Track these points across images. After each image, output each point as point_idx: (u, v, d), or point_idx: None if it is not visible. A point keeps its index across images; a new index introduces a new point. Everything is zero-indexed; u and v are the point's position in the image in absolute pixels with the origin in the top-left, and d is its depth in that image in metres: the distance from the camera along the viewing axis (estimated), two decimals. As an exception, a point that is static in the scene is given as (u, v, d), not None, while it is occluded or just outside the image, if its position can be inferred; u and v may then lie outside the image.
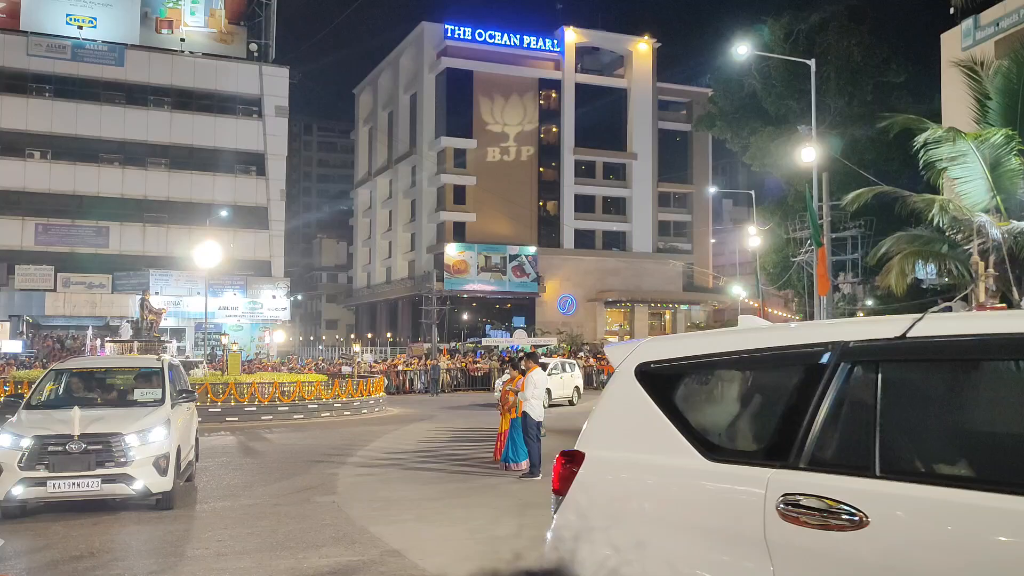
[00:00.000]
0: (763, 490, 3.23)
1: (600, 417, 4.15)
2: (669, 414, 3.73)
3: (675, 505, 3.61)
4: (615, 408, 4.10)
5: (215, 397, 22.62)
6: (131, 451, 9.54)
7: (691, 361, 3.90)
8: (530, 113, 67.77)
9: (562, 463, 4.12)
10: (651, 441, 3.76)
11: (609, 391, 4.17)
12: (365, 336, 71.68)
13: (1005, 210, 17.27)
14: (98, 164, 53.49)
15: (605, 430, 4.07)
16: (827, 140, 31.86)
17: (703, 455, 3.53)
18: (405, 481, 12.66)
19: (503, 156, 66.20)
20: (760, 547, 3.19)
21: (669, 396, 3.82)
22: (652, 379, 3.88)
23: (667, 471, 3.67)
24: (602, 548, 3.78)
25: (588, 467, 3.97)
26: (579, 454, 4.03)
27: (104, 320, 49.37)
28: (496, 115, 66.27)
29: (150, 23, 56.29)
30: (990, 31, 26.41)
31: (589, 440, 4.07)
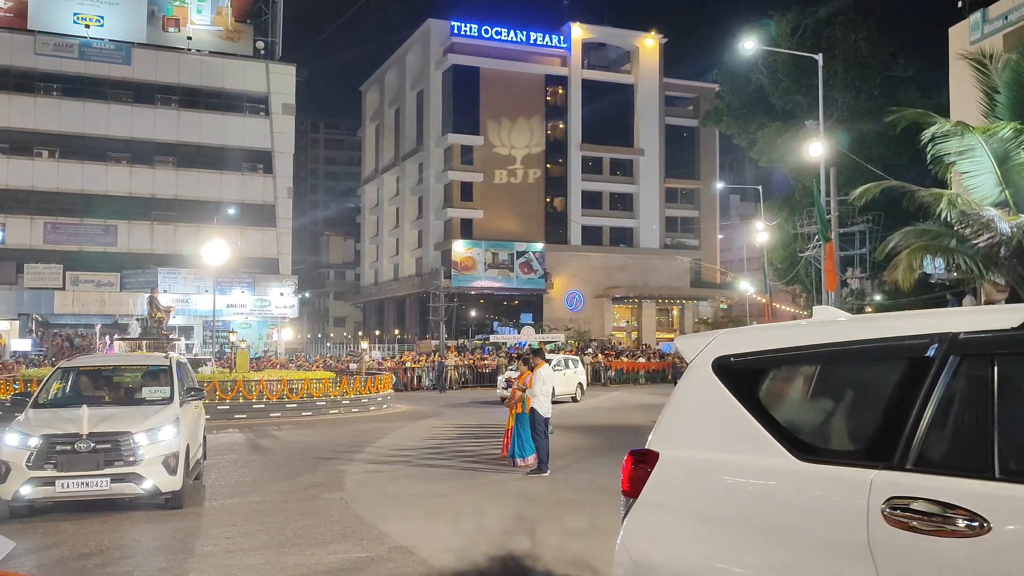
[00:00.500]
0: (865, 493, 3.04)
1: (675, 414, 3.93)
2: (753, 411, 3.53)
3: (763, 508, 3.39)
4: (691, 404, 3.88)
5: (223, 395, 22.67)
6: (140, 450, 9.45)
7: (777, 355, 3.67)
8: (537, 110, 67.70)
9: (632, 462, 3.93)
10: (734, 440, 3.57)
11: (684, 386, 3.96)
12: (373, 333, 71.78)
13: (1014, 204, 17.20)
14: (106, 163, 53.67)
15: (681, 428, 3.86)
16: (834, 135, 31.76)
17: (794, 455, 3.33)
18: (413, 478, 12.67)
19: (510, 153, 66.14)
20: (862, 554, 3.01)
21: (752, 392, 3.62)
22: (732, 374, 3.68)
23: (753, 472, 3.47)
24: (681, 553, 3.61)
25: (663, 467, 3.77)
26: (652, 453, 3.83)
27: (113, 318, 49.56)
28: (503, 112, 66.21)
29: (157, 21, 56.44)
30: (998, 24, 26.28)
31: (663, 438, 3.87)
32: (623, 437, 18.39)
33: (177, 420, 10.03)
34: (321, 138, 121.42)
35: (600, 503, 10.62)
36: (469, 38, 65.70)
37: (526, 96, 67.10)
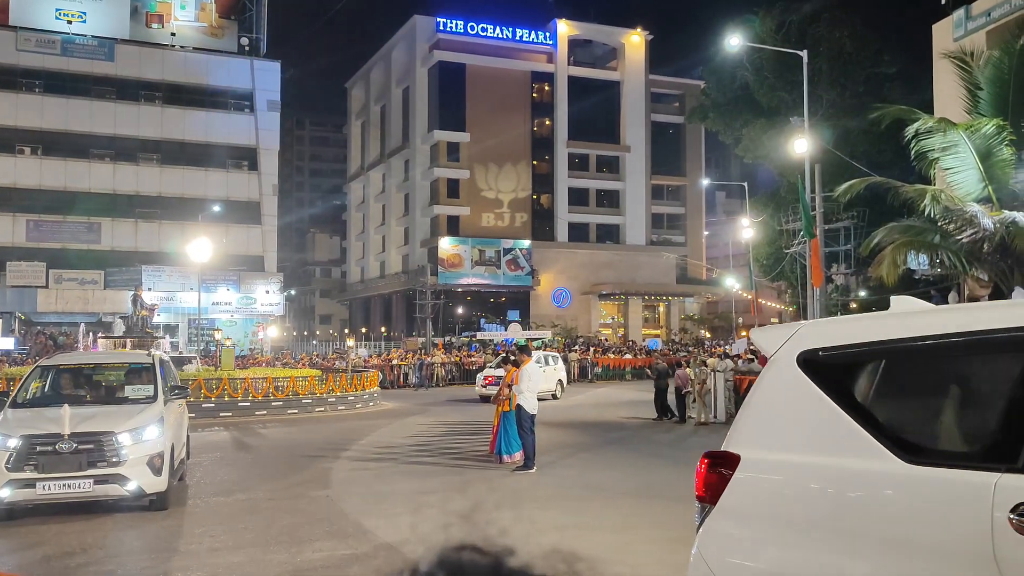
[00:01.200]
0: (988, 499, 2.78)
1: (756, 413, 3.63)
2: (849, 410, 3.25)
3: (864, 516, 3.12)
4: (775, 403, 3.56)
5: (208, 393, 22.56)
6: (124, 450, 9.18)
7: (874, 348, 3.37)
8: (523, 106, 67.65)
9: (708, 466, 3.64)
10: (827, 441, 3.29)
11: (765, 383, 3.64)
12: (359, 331, 71.62)
13: (997, 200, 17.32)
14: (89, 160, 53.31)
15: (764, 428, 3.55)
16: (819, 131, 31.88)
17: (899, 457, 3.07)
18: (399, 475, 12.65)
19: (497, 150, 66.05)
20: (987, 565, 2.76)
21: (847, 388, 3.33)
22: (823, 369, 3.39)
23: (851, 476, 3.19)
24: (768, 565, 3.33)
25: (746, 471, 3.48)
26: (733, 456, 3.54)
27: (97, 316, 49.23)
28: (489, 108, 66.11)
29: (140, 17, 56.08)
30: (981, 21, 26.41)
31: (744, 439, 3.57)
32: (610, 433, 18.42)
33: (162, 419, 9.78)
34: (307, 135, 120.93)
35: (586, 499, 10.63)
36: (455, 35, 65.58)
37: (512, 93, 67.03)
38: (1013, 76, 17.82)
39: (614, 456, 14.82)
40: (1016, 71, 17.77)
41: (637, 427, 19.93)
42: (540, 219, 68.09)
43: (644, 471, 13.01)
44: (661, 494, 10.97)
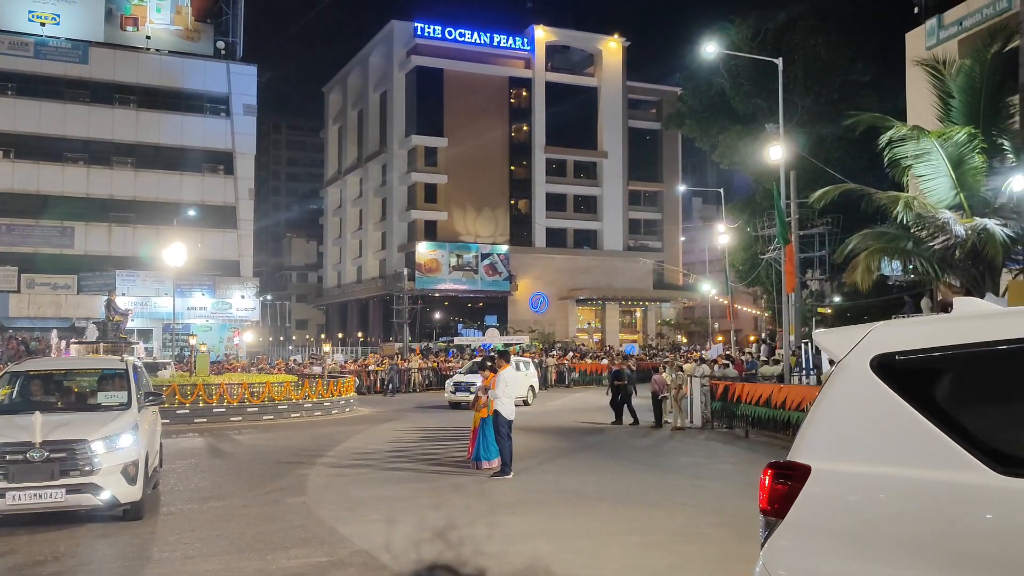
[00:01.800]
0: None
1: (827, 421, 3.40)
2: (932, 417, 3.07)
3: (953, 531, 2.94)
4: (848, 410, 3.34)
5: (183, 398, 22.36)
6: (97, 459, 8.94)
7: (958, 351, 3.17)
8: (501, 112, 67.75)
9: (773, 477, 3.41)
10: (909, 451, 3.11)
11: (835, 389, 3.43)
12: (336, 336, 71.30)
13: (968, 207, 17.53)
14: (62, 163, 52.74)
15: (836, 437, 3.34)
16: (795, 138, 32.12)
17: (991, 468, 2.89)
18: (375, 481, 12.59)
19: (474, 154, 66.07)
20: None
21: (929, 394, 3.15)
22: (901, 374, 3.21)
23: (937, 488, 3.00)
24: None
25: (817, 483, 3.28)
26: (801, 467, 3.32)
27: (70, 321, 48.64)
28: (467, 113, 66.12)
29: (115, 20, 55.58)
30: (953, 30, 26.75)
31: (814, 449, 3.35)
32: (587, 438, 18.44)
33: (136, 426, 9.57)
34: (283, 139, 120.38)
35: (562, 504, 10.63)
36: (433, 39, 65.58)
37: (490, 98, 67.11)
38: (984, 85, 18.05)
39: (591, 461, 14.83)
40: (987, 80, 18.00)
41: (614, 432, 19.96)
42: (518, 224, 68.16)
43: (621, 476, 13.04)
44: (638, 499, 11.00)
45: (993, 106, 18.21)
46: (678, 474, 13.40)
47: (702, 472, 13.58)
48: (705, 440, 18.23)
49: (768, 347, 33.97)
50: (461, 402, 26.53)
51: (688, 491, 11.64)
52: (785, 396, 16.55)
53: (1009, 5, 23.30)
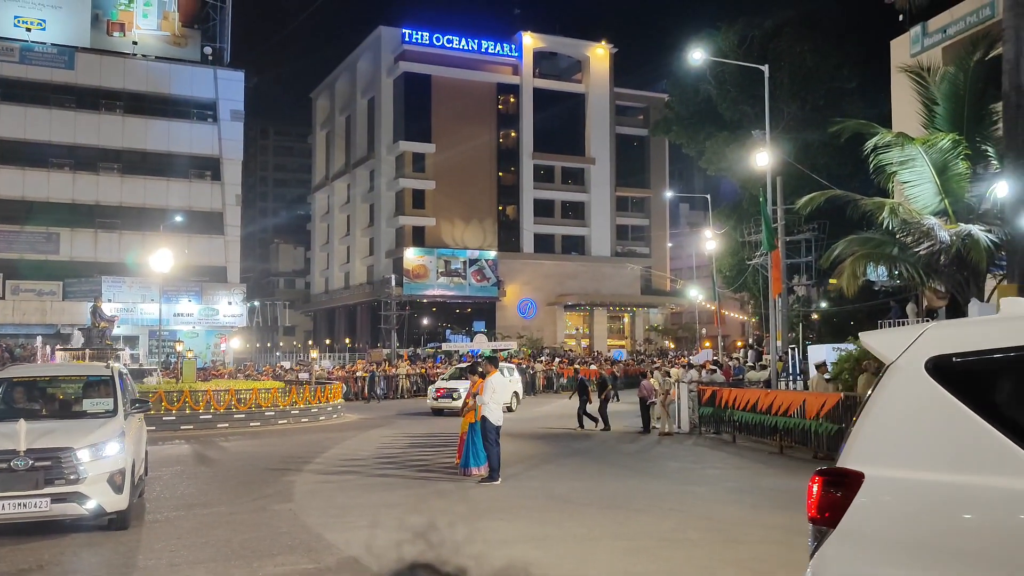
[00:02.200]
0: None
1: (879, 426, 3.26)
2: (994, 421, 2.94)
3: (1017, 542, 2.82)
4: (903, 414, 3.22)
5: (169, 405, 22.26)
6: (83, 467, 8.74)
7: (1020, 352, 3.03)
8: (489, 118, 67.83)
9: (823, 484, 3.28)
10: (969, 456, 2.99)
11: (888, 392, 3.29)
12: (323, 342, 71.13)
13: (953, 213, 17.64)
14: (48, 169, 52.52)
15: (890, 443, 3.20)
16: (781, 144, 32.28)
17: None
18: (363, 488, 12.56)
19: (462, 160, 66.12)
20: None
21: (990, 398, 3.03)
22: (959, 376, 3.09)
23: (1001, 496, 2.87)
24: None
25: (871, 491, 3.15)
26: (854, 474, 3.19)
27: (55, 328, 48.40)
28: (455, 119, 66.18)
29: (101, 25, 55.38)
30: (938, 38, 26.98)
31: (866, 455, 3.22)
32: (574, 444, 18.46)
33: (122, 434, 9.40)
34: (271, 145, 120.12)
35: (549, 510, 10.63)
36: (421, 46, 65.63)
37: (478, 104, 67.19)
38: (968, 92, 18.18)
39: (578, 467, 14.84)
40: (970, 87, 18.14)
41: (602, 438, 19.98)
42: (506, 230, 68.22)
43: (608, 482, 13.05)
44: (624, 505, 11.00)
45: (977, 113, 18.34)
46: (666, 479, 13.42)
47: (690, 477, 13.60)
48: (693, 445, 18.27)
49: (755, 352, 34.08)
50: (444, 408, 26.44)
51: (676, 496, 11.66)
52: (771, 401, 16.60)
53: (992, 13, 23.52)
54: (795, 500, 11.12)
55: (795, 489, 12.02)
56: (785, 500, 11.16)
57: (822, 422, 14.63)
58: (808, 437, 15.33)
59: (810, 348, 24.19)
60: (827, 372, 17.26)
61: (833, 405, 14.46)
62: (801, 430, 15.45)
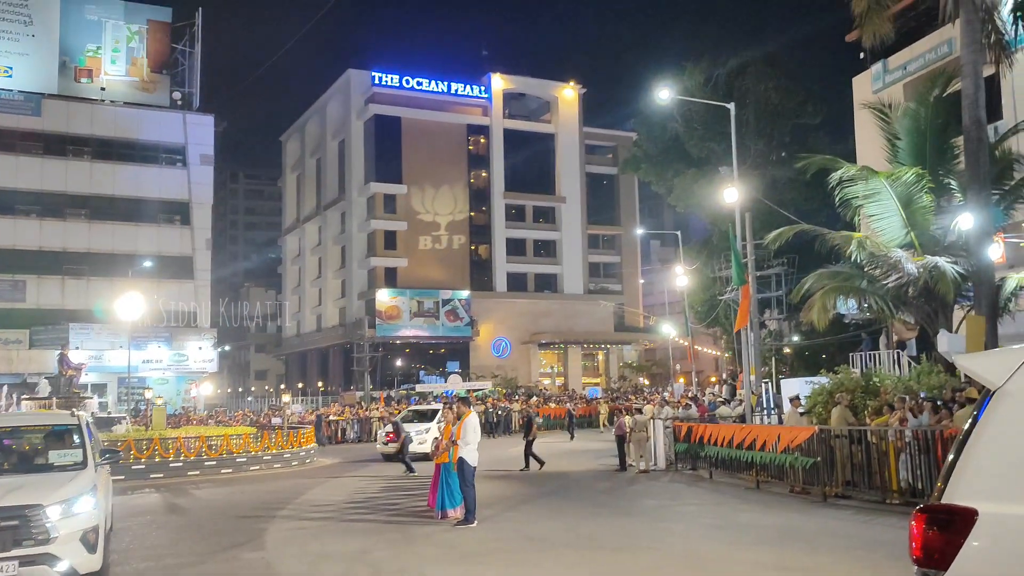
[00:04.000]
0: None
1: (989, 457, 2.99)
2: None
3: None
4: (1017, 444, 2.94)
5: (139, 453, 21.86)
6: (54, 525, 8.03)
7: None
8: (459, 158, 68.19)
9: (926, 522, 3.00)
10: None
11: (997, 421, 3.02)
12: (296, 386, 70.44)
13: (920, 245, 17.89)
14: (14, 216, 51.90)
15: (1005, 475, 2.93)
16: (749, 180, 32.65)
17: None
18: (337, 534, 12.35)
19: (434, 201, 66.30)
20: None
21: None
22: None
23: None
24: None
25: (987, 528, 2.87)
26: (965, 511, 2.92)
27: (21, 377, 47.44)
28: (426, 160, 66.46)
29: (69, 72, 55.18)
30: (898, 75, 27.57)
31: (976, 490, 2.96)
32: (550, 484, 18.31)
33: (95, 488, 8.75)
34: (241, 188, 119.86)
35: (526, 551, 10.51)
36: (390, 88, 66.03)
37: (449, 145, 67.57)
38: (929, 126, 18.55)
39: (555, 507, 14.71)
40: (931, 122, 18.51)
41: (578, 477, 19.85)
42: (478, 269, 68.27)
43: (585, 521, 12.93)
44: (602, 544, 10.90)
45: (939, 147, 18.71)
46: (643, 517, 13.33)
47: (666, 515, 13.52)
48: (669, 482, 18.19)
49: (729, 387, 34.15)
50: (392, 454, 24.83)
51: (653, 534, 11.57)
52: (745, 436, 16.59)
53: (950, 50, 24.08)
54: (772, 535, 11.08)
55: (772, 525, 11.98)
56: (763, 536, 11.11)
57: (798, 456, 14.63)
58: (784, 472, 15.31)
59: (783, 382, 24.28)
60: (800, 406, 17.31)
61: (807, 438, 14.48)
62: (777, 465, 15.43)
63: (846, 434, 13.94)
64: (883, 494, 13.06)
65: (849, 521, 12.05)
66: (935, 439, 11.94)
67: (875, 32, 16.98)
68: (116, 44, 56.51)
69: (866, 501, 13.31)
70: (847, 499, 13.70)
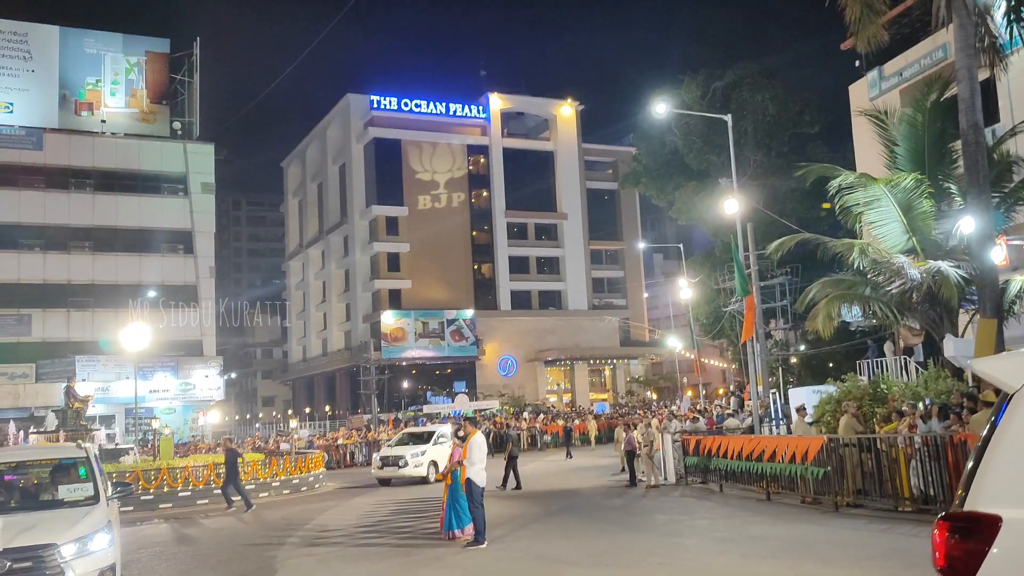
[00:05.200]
0: None
1: (1011, 463, 2.92)
2: None
3: None
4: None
5: (147, 484, 21.80)
6: (69, 566, 7.64)
7: None
8: (460, 179, 68.39)
9: (949, 530, 2.95)
10: None
11: (1016, 426, 2.95)
12: (303, 411, 70.34)
13: (922, 250, 17.85)
14: (18, 250, 52.04)
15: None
16: (749, 191, 32.69)
17: None
18: (347, 559, 12.28)
19: (436, 222, 66.45)
20: None
21: None
22: None
23: None
24: None
25: (1011, 535, 2.80)
26: (988, 518, 2.85)
27: (29, 411, 47.49)
28: (426, 182, 66.69)
29: (69, 105, 55.51)
30: (894, 81, 27.60)
31: (998, 497, 2.89)
32: (560, 502, 18.22)
33: (109, 524, 8.34)
34: (243, 215, 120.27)
35: (537, 571, 10.44)
36: (389, 111, 66.34)
37: (448, 166, 67.80)
38: (926, 132, 18.55)
39: (565, 525, 14.62)
40: (929, 127, 18.52)
41: (588, 494, 19.75)
42: (482, 289, 68.30)
43: (597, 539, 12.85)
44: (613, 561, 10.83)
45: (937, 152, 18.70)
46: (654, 533, 13.24)
47: (678, 529, 13.43)
48: (680, 497, 18.09)
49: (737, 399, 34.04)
50: (391, 478, 24.80)
51: (665, 550, 11.49)
52: (754, 447, 16.51)
53: (944, 55, 24.12)
54: (785, 547, 11.00)
55: (784, 536, 11.90)
56: (775, 548, 11.03)
57: (808, 466, 14.54)
58: (795, 482, 15.21)
59: (791, 392, 24.18)
60: (807, 415, 17.23)
61: (818, 449, 14.40)
62: (788, 476, 15.33)
63: (855, 442, 13.86)
64: (895, 502, 12.97)
65: (862, 530, 11.96)
66: (945, 445, 11.87)
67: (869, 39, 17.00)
68: (115, 76, 56.87)
69: (878, 509, 13.22)
70: (859, 508, 13.61)
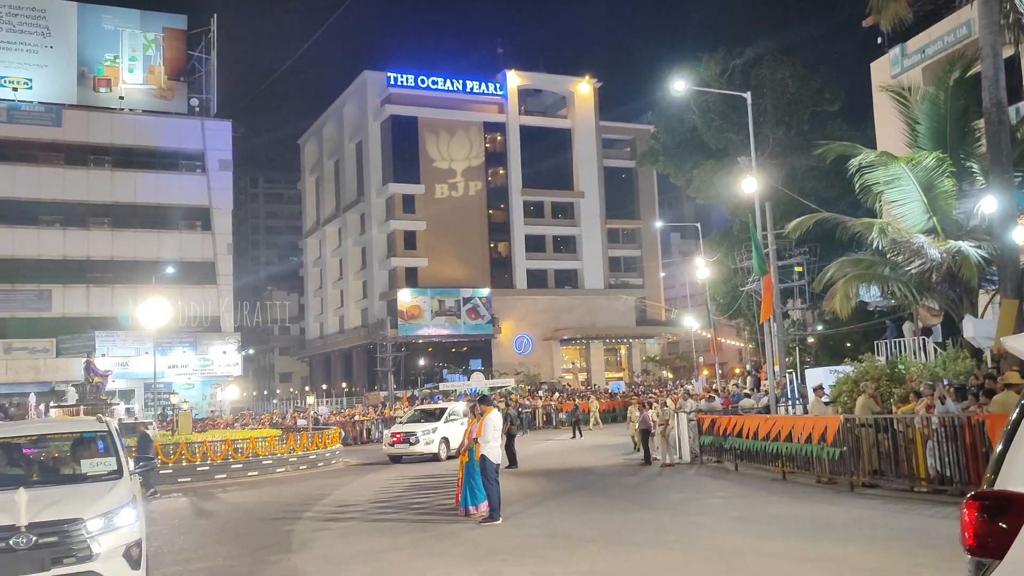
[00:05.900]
0: None
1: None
2: None
3: None
4: None
5: (166, 458, 22.05)
6: (95, 541, 7.34)
7: None
8: (477, 156, 68.21)
9: (979, 510, 2.92)
10: None
11: None
12: (320, 387, 70.78)
13: (942, 230, 17.68)
14: (37, 226, 52.48)
15: None
16: (768, 170, 32.43)
17: None
18: (363, 533, 12.38)
19: (452, 200, 66.40)
20: None
21: None
22: None
23: None
24: None
25: None
26: (1020, 497, 2.82)
27: (49, 385, 48.04)
28: (443, 160, 66.58)
29: (87, 82, 55.71)
30: (916, 58, 27.26)
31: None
32: (575, 479, 18.28)
33: (135, 498, 8.08)
34: (261, 192, 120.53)
35: (552, 548, 10.48)
36: (406, 88, 66.15)
37: (465, 144, 67.62)
38: (949, 110, 18.32)
39: (579, 503, 14.67)
40: (951, 105, 18.28)
41: (602, 472, 19.80)
42: (498, 267, 68.29)
43: (610, 516, 12.89)
44: (628, 539, 10.86)
45: (959, 130, 18.47)
46: (669, 511, 13.26)
47: (692, 508, 13.45)
48: (695, 475, 18.11)
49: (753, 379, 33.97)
50: (402, 455, 24.63)
51: (680, 528, 11.50)
52: (770, 427, 16.48)
53: (969, 32, 23.78)
54: (800, 527, 10.99)
55: (800, 516, 11.89)
56: (790, 527, 11.02)
57: (824, 446, 14.50)
58: (811, 462, 15.18)
59: (808, 372, 24.09)
60: (824, 395, 17.16)
61: (835, 429, 14.35)
62: (804, 455, 15.30)
63: (872, 423, 13.80)
64: (911, 482, 12.92)
65: (877, 510, 11.94)
66: (963, 425, 11.81)
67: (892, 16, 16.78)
68: (133, 53, 56.98)
69: (894, 490, 13.17)
70: (874, 488, 13.58)
